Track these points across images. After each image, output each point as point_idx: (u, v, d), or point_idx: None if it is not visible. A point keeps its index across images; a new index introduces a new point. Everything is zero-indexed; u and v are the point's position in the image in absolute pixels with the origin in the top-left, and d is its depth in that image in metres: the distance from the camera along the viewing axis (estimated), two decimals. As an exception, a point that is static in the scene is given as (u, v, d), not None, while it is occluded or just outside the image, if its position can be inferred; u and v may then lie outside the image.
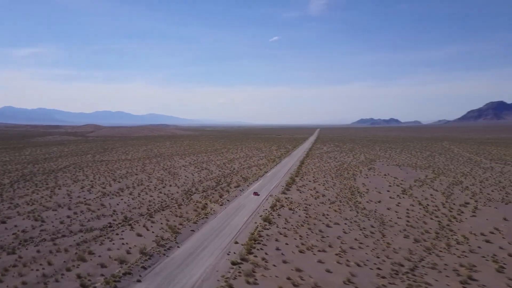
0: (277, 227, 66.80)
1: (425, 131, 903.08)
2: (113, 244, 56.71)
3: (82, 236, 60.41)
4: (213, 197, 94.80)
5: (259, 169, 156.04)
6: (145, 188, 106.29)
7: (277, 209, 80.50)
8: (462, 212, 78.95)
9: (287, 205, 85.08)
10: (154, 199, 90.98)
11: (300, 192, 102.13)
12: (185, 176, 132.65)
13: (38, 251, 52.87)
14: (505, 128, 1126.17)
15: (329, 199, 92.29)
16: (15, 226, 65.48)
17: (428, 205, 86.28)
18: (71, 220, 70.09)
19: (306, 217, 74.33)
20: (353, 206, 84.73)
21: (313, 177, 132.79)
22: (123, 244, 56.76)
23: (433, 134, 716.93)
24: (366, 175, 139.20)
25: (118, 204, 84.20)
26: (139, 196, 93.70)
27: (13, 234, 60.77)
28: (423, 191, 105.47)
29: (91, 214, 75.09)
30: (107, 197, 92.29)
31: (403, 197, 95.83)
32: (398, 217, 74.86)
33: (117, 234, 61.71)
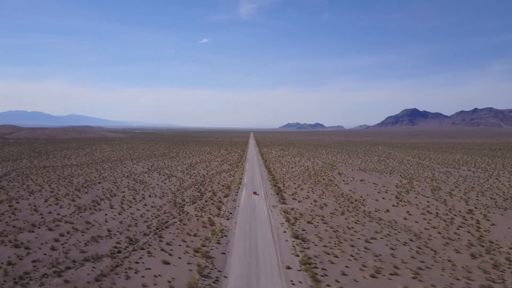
0: (315, 245, 59.25)
1: (355, 135, 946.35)
2: (143, 277, 45.41)
3: (93, 267, 47.99)
4: (209, 209, 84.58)
5: (230, 175, 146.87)
6: (122, 199, 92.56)
7: (294, 223, 72.87)
8: (478, 221, 77.32)
9: (299, 217, 77.82)
10: (144, 213, 78.59)
11: (298, 202, 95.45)
12: (157, 184, 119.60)
13: (49, 293, 40.22)
14: (419, 133, 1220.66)
15: (335, 209, 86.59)
16: (-7, 256, 50.87)
17: (437, 213, 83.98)
18: (62, 244, 56.48)
19: (334, 231, 67.60)
20: (367, 217, 79.72)
21: (294, 183, 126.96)
22: (155, 276, 45.69)
23: (363, 138, 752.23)
24: (344, 180, 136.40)
25: (107, 222, 70.93)
26: (124, 211, 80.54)
27: (-3, 268, 46.68)
28: (415, 197, 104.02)
29: (82, 235, 61.68)
30: (85, 212, 77.96)
31: (404, 205, 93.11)
32: (425, 228, 71.02)
33: (136, 262, 50.06)
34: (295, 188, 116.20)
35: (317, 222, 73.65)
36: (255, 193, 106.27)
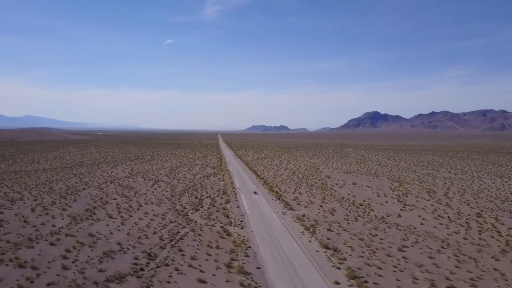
0: (350, 255, 55.61)
1: (322, 137, 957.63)
2: (184, 299, 40.01)
3: (120, 289, 42.07)
4: (217, 217, 79.37)
5: (219, 179, 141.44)
6: (118, 208, 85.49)
7: (314, 231, 69.05)
8: (494, 225, 76.50)
9: (315, 224, 74.13)
10: (149, 223, 72.36)
11: (305, 207, 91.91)
12: (147, 190, 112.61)
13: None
14: (381, 135, 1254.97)
15: (346, 215, 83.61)
16: (-3, 279, 43.75)
17: (449, 217, 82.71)
18: (73, 262, 49.85)
19: (360, 239, 64.31)
20: (382, 222, 77.17)
21: (289, 187, 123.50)
22: (197, 298, 40.40)
23: (330, 140, 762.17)
24: (337, 184, 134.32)
25: (112, 234, 64.35)
26: (126, 220, 73.89)
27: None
28: (416, 201, 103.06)
29: (92, 250, 55.08)
30: (83, 223, 70.76)
31: (411, 209, 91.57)
32: (447, 234, 69.12)
33: (168, 282, 44.53)
34: (293, 193, 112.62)
35: (337, 230, 70.17)
36: (255, 193, 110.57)
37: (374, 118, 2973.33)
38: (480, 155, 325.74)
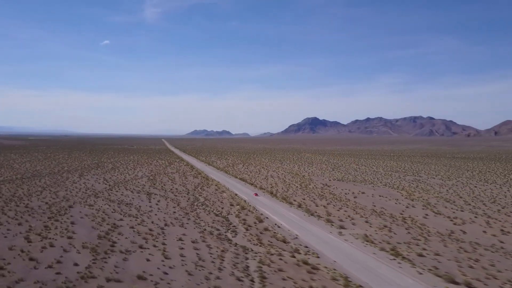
0: (493, 292, 44.70)
1: (271, 142, 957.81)
2: None
3: None
4: (270, 242, 65.51)
5: (217, 190, 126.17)
6: (139, 233, 68.39)
7: (405, 258, 57.68)
8: None
9: (395, 248, 62.83)
10: (199, 254, 56.85)
11: (353, 224, 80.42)
12: (149, 206, 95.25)
13: None
14: (323, 140, 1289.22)
15: (409, 233, 73.38)
16: None
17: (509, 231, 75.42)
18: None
19: (469, 266, 53.79)
20: (455, 241, 67.71)
21: (304, 199, 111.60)
22: None
23: (282, 145, 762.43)
24: (347, 193, 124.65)
25: (166, 274, 48.43)
26: (166, 251, 57.70)
27: None
28: (453, 212, 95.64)
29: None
30: (113, 257, 53.67)
31: (464, 222, 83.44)
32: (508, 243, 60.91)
33: None
34: (316, 206, 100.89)
35: (427, 254, 59.30)
36: (256, 194, 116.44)
37: (313, 123, 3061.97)
38: (432, 159, 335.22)
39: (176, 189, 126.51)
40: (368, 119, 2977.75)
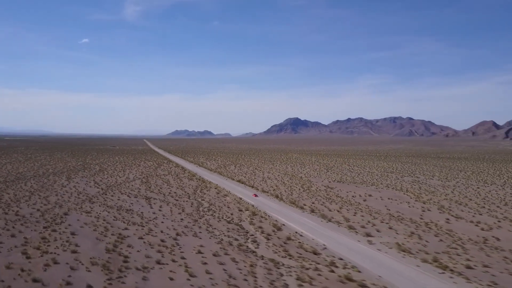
0: None
1: (256, 143, 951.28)
2: None
3: None
4: (300, 254, 59.42)
5: (218, 193, 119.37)
6: (150, 244, 61.26)
7: (456, 272, 52.40)
8: None
9: (437, 260, 57.58)
10: (226, 270, 50.34)
11: (378, 231, 75.02)
12: (153, 213, 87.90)
13: None
14: (304, 140, 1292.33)
15: (441, 240, 68.39)
16: None
17: (548, 238, 71.30)
18: None
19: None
20: (496, 250, 63.03)
21: (313, 203, 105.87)
22: None
23: (268, 145, 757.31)
24: (354, 197, 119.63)
25: (199, 296, 41.74)
26: (188, 267, 50.92)
27: None
28: (473, 216, 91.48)
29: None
30: (130, 275, 46.74)
31: (491, 228, 79.09)
32: None
33: None
34: (330, 210, 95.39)
35: (475, 267, 54.17)
36: (255, 195, 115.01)
37: (295, 124, 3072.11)
38: (420, 159, 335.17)
39: (175, 192, 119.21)
40: (349, 120, 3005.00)
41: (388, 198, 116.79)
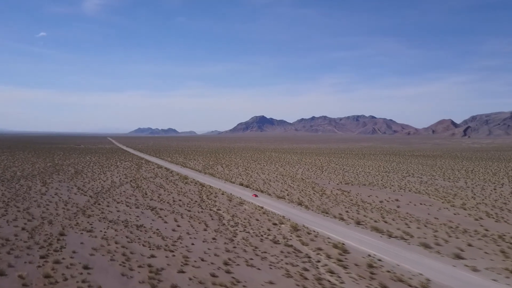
0: None
1: (225, 141, 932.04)
2: None
3: None
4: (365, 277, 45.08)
5: (229, 201, 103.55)
6: (200, 286, 45.13)
7: None
8: None
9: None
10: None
11: (473, 254, 62.01)
12: (171, 229, 71.00)
13: None
14: (271, 138, 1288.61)
15: (502, 251, 56.26)
16: None
17: None
18: None
19: None
20: None
21: (340, 213, 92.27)
22: None
23: (240, 144, 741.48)
24: (383, 202, 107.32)
25: None
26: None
27: None
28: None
29: None
30: None
31: None
32: None
33: None
34: (376, 222, 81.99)
35: None
36: (255, 195, 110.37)
37: (261, 122, 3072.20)
38: (400, 158, 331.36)
39: (180, 200, 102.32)
40: (313, 118, 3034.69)
41: (420, 203, 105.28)
